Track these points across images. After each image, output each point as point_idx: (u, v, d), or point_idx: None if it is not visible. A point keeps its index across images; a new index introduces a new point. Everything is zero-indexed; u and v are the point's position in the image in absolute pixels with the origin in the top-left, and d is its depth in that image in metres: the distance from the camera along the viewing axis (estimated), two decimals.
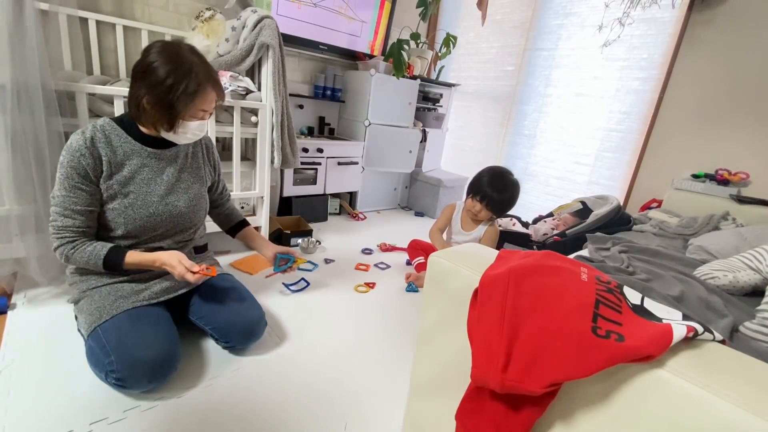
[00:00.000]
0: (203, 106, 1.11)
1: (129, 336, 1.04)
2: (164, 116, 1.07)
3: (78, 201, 1.05)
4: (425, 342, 0.81)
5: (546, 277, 0.62)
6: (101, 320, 1.06)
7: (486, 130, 3.42)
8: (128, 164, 1.12)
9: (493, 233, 1.81)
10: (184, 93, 1.04)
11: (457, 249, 0.78)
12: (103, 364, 1.02)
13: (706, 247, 1.48)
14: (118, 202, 1.11)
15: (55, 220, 1.06)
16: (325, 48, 2.75)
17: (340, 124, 3.11)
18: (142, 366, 1.01)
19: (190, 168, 1.26)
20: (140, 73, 1.05)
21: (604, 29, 2.54)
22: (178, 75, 1.03)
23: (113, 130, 1.11)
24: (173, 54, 1.04)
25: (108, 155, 1.08)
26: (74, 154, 1.03)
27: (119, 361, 1.00)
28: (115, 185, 1.10)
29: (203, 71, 1.08)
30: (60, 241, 1.06)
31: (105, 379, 1.04)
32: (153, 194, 1.15)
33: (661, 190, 2.37)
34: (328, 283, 1.84)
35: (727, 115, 2.20)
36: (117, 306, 1.09)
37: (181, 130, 1.12)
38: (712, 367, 0.48)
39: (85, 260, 1.07)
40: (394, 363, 1.33)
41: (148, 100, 1.05)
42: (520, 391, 0.55)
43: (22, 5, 1.20)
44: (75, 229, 1.06)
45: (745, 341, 0.90)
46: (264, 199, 2.01)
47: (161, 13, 2.09)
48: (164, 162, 1.19)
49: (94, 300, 1.11)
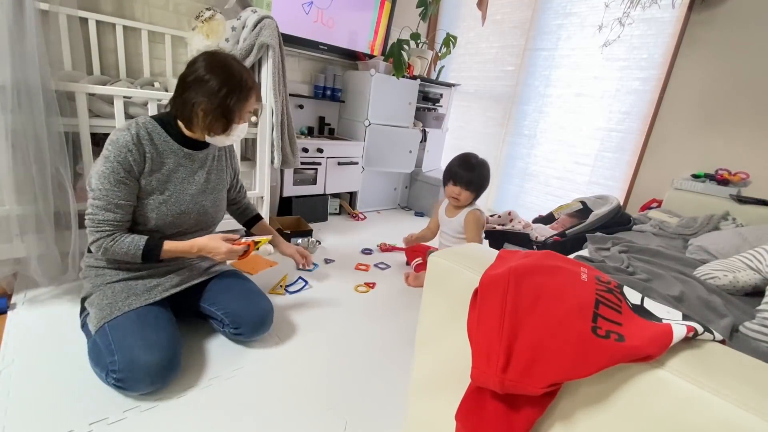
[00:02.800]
0: (251, 107, 1.22)
1: (134, 336, 1.05)
2: (220, 122, 1.15)
3: (121, 195, 1.08)
4: (425, 342, 0.81)
5: (546, 277, 0.62)
6: (111, 316, 1.08)
7: (486, 130, 3.42)
8: (167, 163, 1.18)
9: (473, 218, 1.86)
10: (238, 99, 1.14)
11: (457, 249, 0.78)
12: (104, 363, 1.03)
13: (706, 247, 1.48)
14: (154, 198, 1.16)
15: (96, 213, 1.07)
16: (325, 48, 2.75)
17: (340, 124, 3.11)
18: (144, 368, 1.02)
19: (215, 170, 1.33)
20: (192, 84, 1.12)
21: (604, 29, 2.54)
22: (231, 84, 1.12)
23: (154, 129, 1.16)
24: (222, 65, 1.13)
25: (151, 152, 1.13)
26: (121, 150, 1.07)
27: (122, 361, 1.01)
28: (154, 182, 1.15)
29: (249, 77, 1.18)
30: (100, 234, 1.08)
31: (105, 378, 1.05)
32: (186, 193, 1.21)
33: (661, 190, 2.36)
34: (328, 283, 1.84)
35: (727, 115, 2.20)
36: (129, 303, 1.12)
37: (232, 133, 1.21)
38: (712, 367, 0.48)
39: (124, 251, 1.09)
40: (394, 363, 1.33)
41: (204, 108, 1.12)
42: (520, 391, 0.56)
43: (22, 5, 1.20)
44: (115, 223, 1.09)
45: (745, 341, 0.90)
46: (264, 199, 2.01)
47: (161, 13, 2.09)
48: (197, 163, 1.25)
49: (106, 295, 1.13)
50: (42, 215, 1.33)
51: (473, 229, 1.85)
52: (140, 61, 2.05)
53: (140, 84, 1.87)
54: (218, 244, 1.18)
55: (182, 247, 1.16)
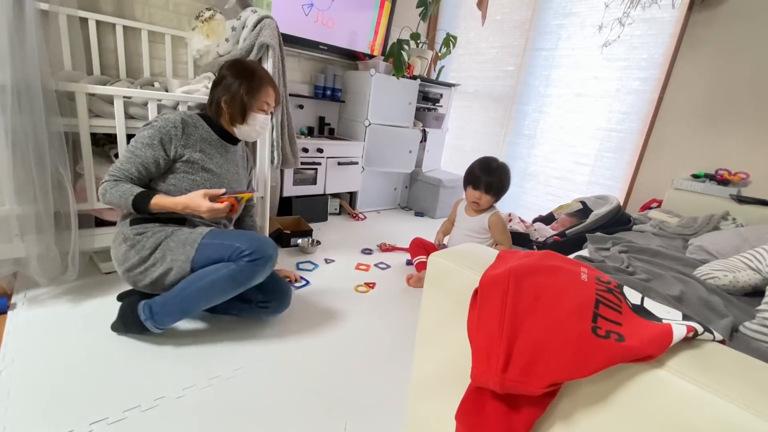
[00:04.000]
0: (266, 98, 1.37)
1: (235, 232, 1.30)
2: (238, 109, 1.33)
3: (144, 156, 1.21)
4: (425, 342, 0.81)
5: (546, 277, 0.62)
6: (202, 234, 1.24)
7: (486, 130, 3.42)
8: (207, 148, 1.33)
9: (498, 219, 1.88)
10: (251, 88, 1.33)
11: (457, 249, 0.78)
12: (229, 254, 1.21)
13: (706, 247, 1.48)
14: (199, 175, 1.29)
15: (117, 162, 1.21)
16: (325, 48, 2.75)
17: (340, 124, 3.11)
18: (263, 239, 1.26)
19: (242, 167, 1.50)
20: (217, 83, 1.35)
21: (604, 29, 2.54)
22: (244, 76, 1.33)
23: (198, 120, 1.33)
24: (240, 65, 1.35)
25: (193, 133, 1.30)
26: (167, 123, 1.24)
27: (245, 242, 1.21)
28: (196, 155, 1.28)
29: (264, 74, 1.38)
30: (108, 177, 1.20)
31: (235, 267, 1.20)
32: (223, 177, 1.36)
33: (661, 190, 2.37)
34: (328, 282, 1.84)
35: (727, 115, 2.20)
36: (206, 228, 1.29)
37: (252, 121, 1.36)
38: (712, 367, 0.48)
39: (119, 196, 1.17)
40: (394, 363, 1.33)
41: (225, 100, 1.32)
42: (520, 391, 0.56)
43: (22, 5, 1.20)
44: (126, 174, 1.20)
45: (745, 341, 0.90)
46: (264, 199, 2.01)
47: (161, 13, 2.09)
48: (230, 155, 1.41)
49: (178, 234, 1.25)
50: (42, 215, 1.33)
51: (502, 231, 1.87)
52: (140, 61, 2.05)
53: (140, 84, 1.87)
54: (200, 202, 1.21)
55: (169, 203, 1.22)
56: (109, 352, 1.21)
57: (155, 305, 1.24)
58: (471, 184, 1.86)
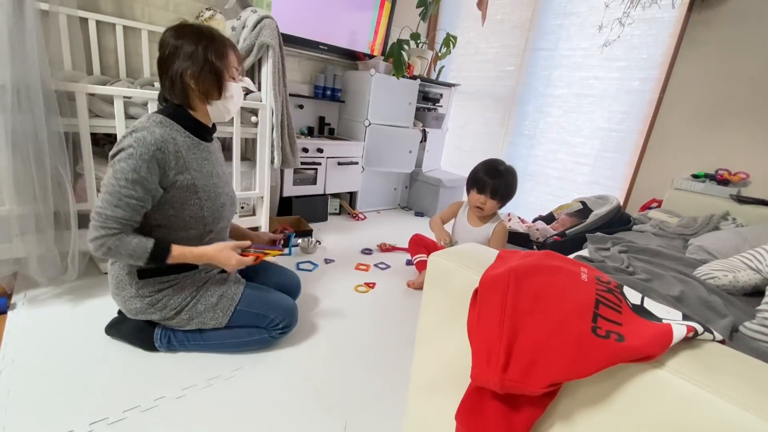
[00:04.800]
0: (234, 63, 1.17)
1: (267, 298, 1.27)
2: (211, 79, 1.10)
3: (135, 194, 1.02)
4: (425, 342, 0.81)
5: (546, 277, 0.62)
6: (235, 301, 1.22)
7: (486, 130, 3.42)
8: (193, 159, 1.14)
9: (502, 231, 1.77)
10: (218, 51, 1.10)
11: (457, 249, 0.78)
12: (263, 324, 1.25)
13: (706, 247, 1.48)
14: (198, 195, 1.14)
15: (105, 208, 1.01)
16: (325, 48, 2.75)
17: (340, 124, 3.11)
18: (293, 308, 1.31)
19: (223, 162, 1.33)
20: (170, 57, 1.07)
21: (604, 29, 2.54)
22: (205, 40, 1.08)
23: (172, 126, 1.11)
24: (189, 28, 1.10)
25: (177, 150, 1.10)
26: (149, 148, 1.02)
27: (280, 313, 1.26)
28: (186, 181, 1.11)
29: (217, 34, 1.14)
30: (105, 231, 1.01)
31: (267, 336, 1.26)
32: (219, 187, 1.22)
33: (661, 190, 2.37)
34: (328, 283, 1.84)
35: (727, 115, 2.20)
36: (235, 289, 1.25)
37: (228, 93, 1.15)
38: (712, 367, 0.48)
39: (129, 252, 1.03)
40: (394, 363, 1.33)
41: (192, 72, 1.08)
42: (520, 391, 0.56)
43: (22, 5, 1.20)
44: (123, 221, 1.03)
45: (745, 341, 0.90)
46: (264, 199, 2.01)
47: (161, 13, 2.09)
48: (214, 155, 1.25)
49: (207, 296, 1.21)
50: (42, 215, 1.33)
51: (501, 242, 1.77)
52: (140, 61, 2.05)
53: (140, 84, 1.87)
54: (229, 255, 1.15)
55: (191, 254, 1.11)
56: (109, 352, 1.21)
57: (175, 340, 1.23)
58: (475, 188, 1.73)
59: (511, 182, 1.72)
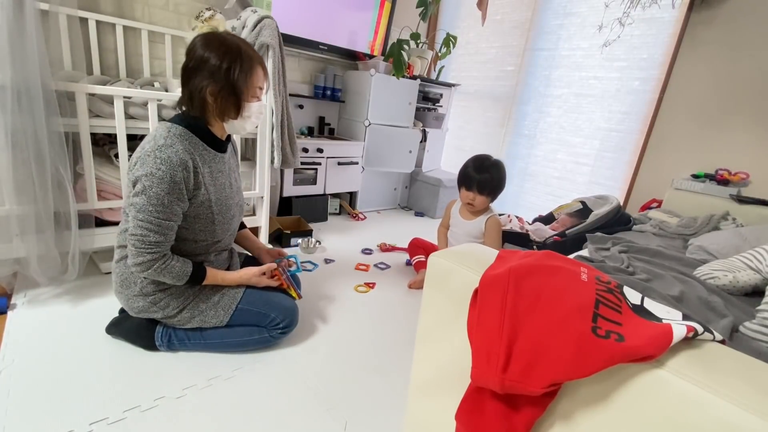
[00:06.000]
0: (259, 83, 1.15)
1: (267, 297, 1.27)
2: (230, 100, 1.10)
3: (173, 216, 1.07)
4: (425, 342, 0.81)
5: (546, 277, 0.62)
6: (237, 299, 1.23)
7: (486, 130, 3.42)
8: (208, 173, 1.15)
9: (495, 224, 1.80)
10: (242, 71, 1.08)
11: (457, 249, 0.78)
12: (264, 322, 1.25)
13: (706, 247, 1.48)
14: (214, 207, 1.17)
15: (146, 235, 1.04)
16: (325, 48, 2.75)
17: (340, 124, 3.11)
18: (294, 308, 1.30)
19: (235, 168, 1.35)
20: (193, 70, 1.07)
21: (604, 29, 2.54)
22: (231, 57, 1.06)
23: (190, 139, 1.10)
24: (218, 42, 1.07)
25: (198, 166, 1.10)
26: (176, 170, 1.03)
27: (281, 313, 1.26)
28: (201, 196, 1.12)
29: (249, 49, 1.12)
30: (150, 256, 1.05)
31: (268, 336, 1.26)
32: (230, 198, 1.25)
33: (661, 190, 2.36)
34: (328, 283, 1.84)
35: (727, 115, 2.20)
36: (238, 287, 1.26)
37: (246, 113, 1.15)
38: (712, 367, 0.48)
39: (173, 275, 1.10)
40: (394, 363, 1.33)
41: (212, 90, 1.07)
42: (520, 391, 0.56)
43: (22, 5, 1.20)
44: (166, 244, 1.08)
45: (745, 341, 0.90)
46: (264, 199, 2.01)
47: (161, 13, 2.09)
48: (227, 165, 1.25)
49: (209, 296, 1.22)
50: (42, 215, 1.33)
51: (495, 238, 1.79)
52: (140, 61, 2.05)
53: (140, 84, 1.87)
54: (258, 281, 1.28)
55: (222, 279, 1.22)
56: (109, 352, 1.21)
57: (176, 339, 1.24)
58: (464, 185, 1.78)
59: (498, 176, 1.75)
